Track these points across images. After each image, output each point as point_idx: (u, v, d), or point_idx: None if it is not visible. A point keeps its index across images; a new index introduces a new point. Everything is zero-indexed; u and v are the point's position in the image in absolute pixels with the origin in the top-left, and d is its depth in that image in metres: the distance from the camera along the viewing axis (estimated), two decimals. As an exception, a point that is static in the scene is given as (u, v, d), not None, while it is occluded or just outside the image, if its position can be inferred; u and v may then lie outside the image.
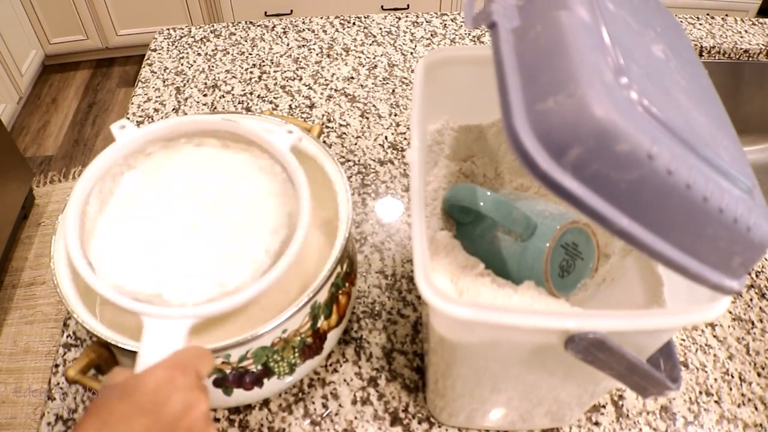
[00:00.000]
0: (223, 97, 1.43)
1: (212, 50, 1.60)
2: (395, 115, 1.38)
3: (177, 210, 0.79)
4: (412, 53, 1.57)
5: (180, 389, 0.56)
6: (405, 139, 1.32)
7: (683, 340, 0.98)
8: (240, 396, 0.80)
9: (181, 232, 0.77)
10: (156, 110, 1.39)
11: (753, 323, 1.01)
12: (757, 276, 1.08)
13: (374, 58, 1.55)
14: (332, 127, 1.35)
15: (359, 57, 1.56)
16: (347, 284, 0.85)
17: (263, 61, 1.54)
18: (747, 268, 0.52)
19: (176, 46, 1.61)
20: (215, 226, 0.77)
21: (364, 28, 1.67)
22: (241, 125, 0.82)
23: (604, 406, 0.90)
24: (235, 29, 1.67)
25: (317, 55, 1.57)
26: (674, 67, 0.59)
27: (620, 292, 0.76)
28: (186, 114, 1.37)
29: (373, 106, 1.40)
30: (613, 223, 0.45)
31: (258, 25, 1.68)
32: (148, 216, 0.78)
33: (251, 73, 1.51)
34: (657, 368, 0.65)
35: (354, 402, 0.90)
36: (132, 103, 1.42)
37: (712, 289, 0.51)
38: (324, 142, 1.30)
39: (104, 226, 0.77)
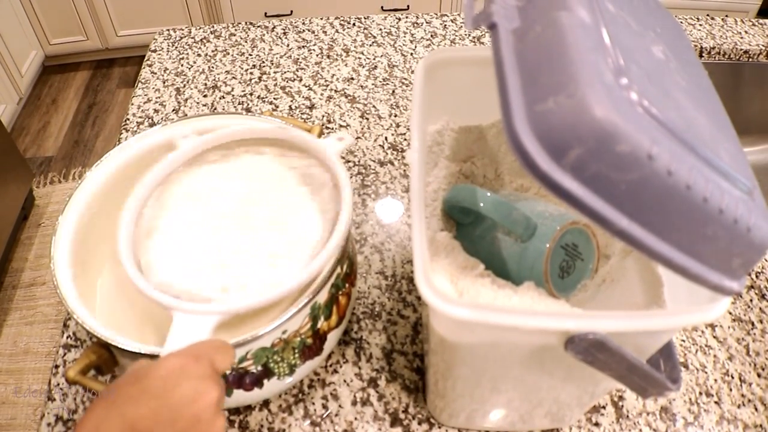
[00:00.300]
0: (223, 97, 1.43)
1: (212, 51, 1.60)
2: (395, 115, 1.38)
3: (229, 216, 0.80)
4: (412, 54, 1.57)
5: (191, 377, 0.57)
6: (405, 139, 1.32)
7: (683, 340, 0.98)
8: (240, 397, 0.80)
9: (233, 237, 0.78)
10: (156, 111, 1.40)
11: (753, 324, 1.01)
12: (757, 277, 1.08)
13: (374, 59, 1.55)
14: (332, 128, 1.35)
15: (359, 58, 1.56)
16: (347, 285, 0.85)
17: (263, 62, 1.54)
18: (747, 269, 0.52)
19: (176, 47, 1.62)
20: (265, 232, 0.78)
21: (364, 28, 1.67)
22: (296, 132, 0.83)
23: (604, 407, 0.90)
24: (235, 30, 1.67)
25: (317, 55, 1.57)
26: (674, 67, 0.59)
27: (620, 292, 0.76)
28: (186, 115, 1.37)
29: (373, 106, 1.40)
30: (613, 223, 0.45)
31: (258, 26, 1.68)
32: (202, 221, 0.79)
33: (251, 73, 1.51)
34: (657, 369, 0.65)
35: (354, 403, 0.90)
36: (132, 104, 1.42)
37: (712, 289, 0.51)
38: (324, 142, 1.30)
39: (162, 228, 0.78)
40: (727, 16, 1.76)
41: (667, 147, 0.44)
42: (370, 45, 1.60)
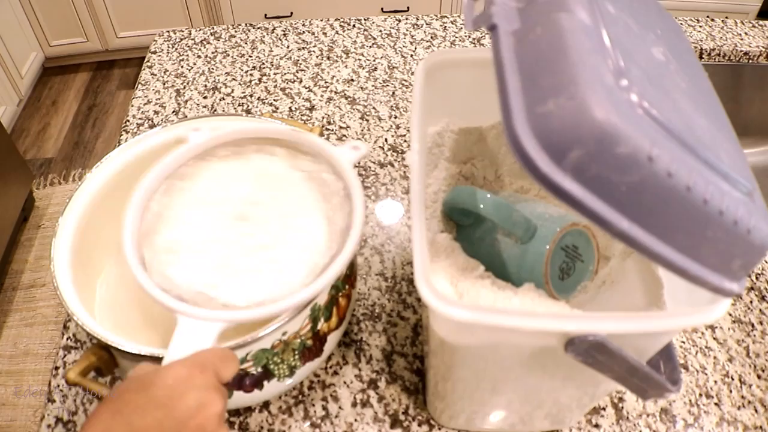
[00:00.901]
0: (223, 99, 1.43)
1: (212, 52, 1.60)
2: (395, 117, 1.38)
3: (235, 215, 0.79)
4: (412, 55, 1.57)
5: (196, 387, 0.57)
6: (405, 141, 1.32)
7: (683, 342, 0.98)
8: (240, 398, 0.80)
9: (238, 237, 0.78)
10: (156, 112, 1.40)
11: (753, 325, 1.01)
12: (757, 278, 1.08)
13: (374, 61, 1.55)
14: (332, 130, 1.35)
15: (359, 59, 1.56)
16: (347, 287, 0.85)
17: (263, 64, 1.55)
18: (747, 271, 0.52)
19: (176, 49, 1.62)
20: (271, 234, 0.78)
21: (364, 30, 1.67)
22: (310, 137, 0.83)
23: (604, 409, 0.90)
24: (235, 31, 1.67)
25: (317, 57, 1.57)
26: (674, 69, 0.59)
27: (620, 294, 0.76)
28: (186, 116, 1.37)
29: (373, 108, 1.40)
30: (614, 225, 0.45)
31: (258, 28, 1.68)
32: (208, 219, 0.79)
33: (251, 75, 1.51)
34: (657, 370, 0.65)
35: (354, 404, 0.90)
36: (132, 106, 1.42)
37: (712, 291, 0.51)
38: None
39: (169, 224, 0.78)
40: (727, 17, 1.76)
41: (667, 149, 0.44)
42: (370, 46, 1.60)
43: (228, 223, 0.79)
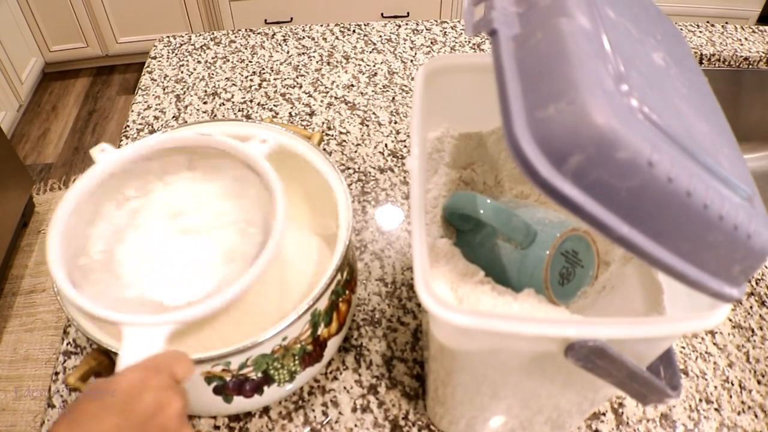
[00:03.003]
0: (223, 104, 1.43)
1: (212, 58, 1.60)
2: (395, 122, 1.38)
3: (166, 225, 0.80)
4: (412, 61, 1.57)
5: (152, 389, 0.57)
6: (405, 146, 1.32)
7: (683, 347, 0.98)
8: (240, 403, 0.80)
9: (171, 245, 0.78)
10: (156, 118, 1.40)
11: (753, 331, 1.01)
12: (757, 284, 1.08)
13: (374, 66, 1.55)
14: (332, 135, 1.35)
15: (359, 65, 1.56)
16: (347, 292, 0.85)
17: (263, 69, 1.55)
18: (747, 276, 0.52)
19: (176, 54, 1.62)
20: (199, 238, 0.78)
21: (364, 35, 1.67)
22: (216, 138, 0.82)
23: (604, 414, 0.90)
24: (235, 37, 1.67)
25: (317, 62, 1.57)
26: (674, 74, 0.59)
27: (620, 299, 0.76)
28: (186, 122, 1.38)
29: (373, 113, 1.40)
30: (614, 230, 0.45)
31: (258, 33, 1.68)
32: (140, 233, 0.79)
33: (251, 80, 1.51)
34: (657, 376, 0.65)
35: (354, 410, 0.90)
36: (132, 111, 1.42)
37: (712, 296, 0.51)
38: (324, 149, 1.30)
39: (101, 238, 0.78)
40: (727, 23, 1.76)
41: (667, 154, 0.44)
42: (370, 52, 1.61)
43: (160, 236, 0.79)
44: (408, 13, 3.46)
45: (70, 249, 0.75)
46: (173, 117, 1.40)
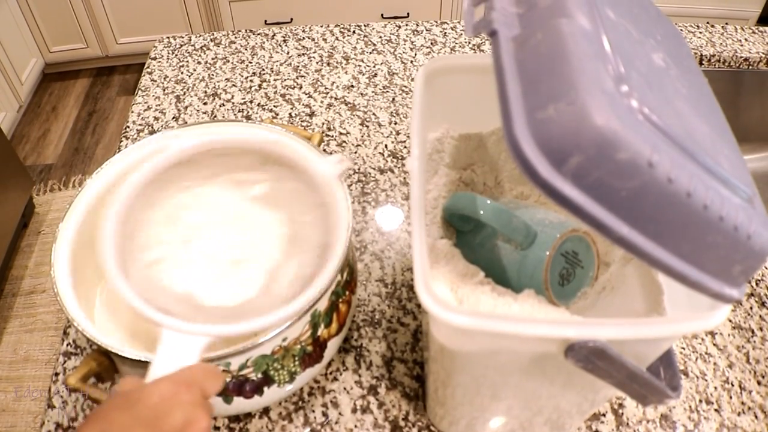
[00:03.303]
0: (223, 105, 1.43)
1: (212, 59, 1.60)
2: (395, 123, 1.38)
3: (221, 224, 0.80)
4: (412, 61, 1.57)
5: (182, 405, 0.56)
6: (405, 147, 1.32)
7: (683, 348, 0.98)
8: (240, 404, 0.80)
9: (215, 253, 0.78)
10: (156, 119, 1.40)
11: (753, 332, 1.01)
12: (757, 284, 1.08)
13: (374, 67, 1.55)
14: (332, 136, 1.35)
15: (359, 65, 1.56)
16: (347, 293, 0.85)
17: (263, 70, 1.55)
18: (747, 277, 0.52)
19: (176, 55, 1.62)
20: (253, 246, 0.79)
21: (364, 36, 1.67)
22: (291, 147, 0.83)
23: (604, 415, 0.90)
24: (235, 38, 1.67)
25: (317, 63, 1.57)
26: (675, 75, 0.59)
27: (620, 300, 0.76)
28: (186, 122, 1.38)
29: (373, 114, 1.40)
30: (614, 231, 0.45)
31: (258, 34, 1.68)
32: (193, 224, 0.79)
33: (251, 81, 1.51)
34: (657, 376, 0.65)
35: (354, 410, 0.90)
36: (132, 112, 1.42)
37: (713, 297, 0.51)
38: (324, 150, 1.30)
39: (154, 228, 0.78)
40: (727, 23, 1.77)
41: (667, 154, 0.44)
42: (370, 52, 1.61)
43: (205, 240, 0.79)
44: (408, 13, 3.46)
45: (124, 235, 0.75)
46: (173, 118, 1.40)
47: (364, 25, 1.71)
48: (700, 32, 1.69)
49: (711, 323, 0.55)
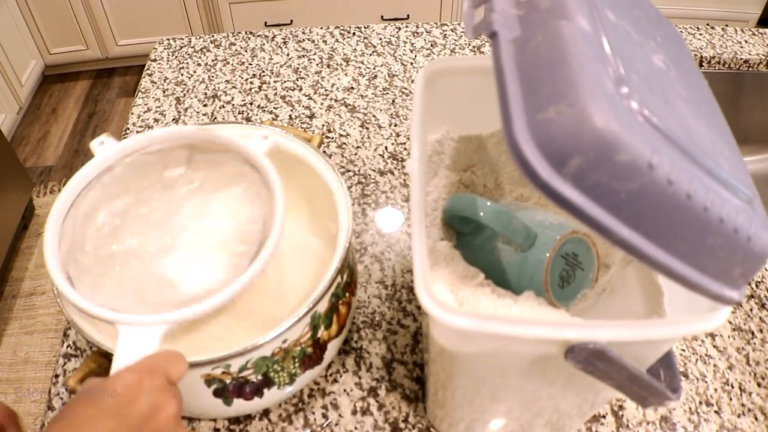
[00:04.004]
0: (223, 107, 1.43)
1: (212, 60, 1.60)
2: (395, 125, 1.38)
3: (163, 220, 0.80)
4: (412, 63, 1.57)
5: (147, 391, 0.56)
6: (405, 149, 1.32)
7: (683, 350, 0.98)
8: (240, 406, 0.80)
9: (168, 240, 0.78)
10: (156, 120, 1.40)
11: (753, 333, 1.01)
12: (757, 286, 1.08)
13: (374, 68, 1.55)
14: (332, 138, 1.35)
15: (359, 67, 1.56)
16: (347, 294, 0.85)
17: (263, 72, 1.55)
18: (747, 279, 0.52)
19: (176, 56, 1.62)
20: (197, 234, 0.78)
21: (364, 38, 1.67)
22: (217, 133, 0.82)
23: (604, 417, 0.90)
24: (235, 39, 1.67)
25: (317, 65, 1.57)
26: (674, 77, 0.59)
27: (620, 302, 0.76)
28: (186, 124, 1.37)
29: (373, 116, 1.40)
30: (614, 233, 0.45)
31: (258, 36, 1.69)
32: (137, 225, 0.79)
33: (251, 83, 1.51)
34: (657, 378, 0.65)
35: (354, 412, 0.90)
36: (132, 113, 1.42)
37: (713, 299, 0.51)
38: (324, 152, 1.30)
39: (95, 234, 0.78)
40: (727, 25, 1.76)
41: (667, 156, 0.44)
42: (370, 54, 1.61)
43: (158, 232, 0.79)
44: (408, 15, 3.46)
45: (68, 245, 0.75)
46: (173, 119, 1.40)
47: (364, 27, 1.71)
48: (700, 34, 1.69)
49: (711, 325, 0.55)
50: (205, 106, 1.44)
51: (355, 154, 1.31)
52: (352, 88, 1.49)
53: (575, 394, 0.73)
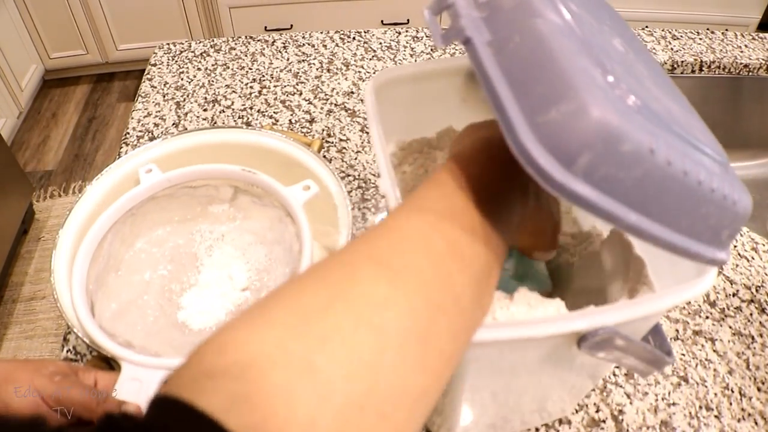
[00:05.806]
0: (223, 111, 1.43)
1: (212, 65, 1.60)
2: (395, 129, 1.38)
3: (198, 255, 0.81)
4: (411, 68, 1.57)
5: None
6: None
7: (683, 354, 0.98)
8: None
9: (197, 276, 0.79)
10: (156, 125, 1.40)
11: (753, 338, 1.01)
12: (757, 291, 1.08)
13: (374, 73, 1.55)
14: (332, 142, 1.35)
15: (359, 71, 1.56)
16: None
17: (263, 76, 1.55)
18: (732, 238, 0.54)
19: (176, 61, 1.62)
20: (227, 279, 0.79)
21: (364, 42, 1.67)
22: (260, 177, 0.83)
23: (604, 421, 0.90)
24: (235, 44, 1.68)
25: (317, 69, 1.57)
26: (633, 58, 0.60)
27: (597, 279, 0.77)
28: (186, 129, 1.37)
29: (373, 120, 1.40)
30: (623, 220, 0.45)
31: (258, 40, 1.69)
32: (169, 259, 0.81)
33: (251, 87, 1.51)
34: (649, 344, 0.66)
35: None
36: (132, 118, 1.42)
37: (708, 263, 0.52)
38: (324, 156, 1.30)
39: (131, 258, 0.80)
40: (727, 29, 1.77)
41: (662, 139, 0.44)
42: (370, 59, 1.61)
43: (180, 271, 0.80)
44: (408, 20, 3.47)
45: (99, 269, 0.76)
46: (173, 124, 1.40)
47: (364, 32, 1.71)
48: (700, 38, 1.69)
49: (705, 286, 0.59)
50: (205, 110, 1.44)
51: (355, 159, 1.31)
52: (352, 92, 1.49)
53: (570, 385, 0.73)
